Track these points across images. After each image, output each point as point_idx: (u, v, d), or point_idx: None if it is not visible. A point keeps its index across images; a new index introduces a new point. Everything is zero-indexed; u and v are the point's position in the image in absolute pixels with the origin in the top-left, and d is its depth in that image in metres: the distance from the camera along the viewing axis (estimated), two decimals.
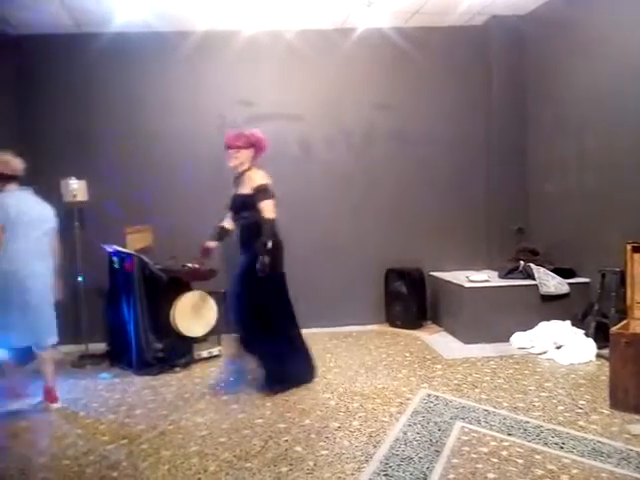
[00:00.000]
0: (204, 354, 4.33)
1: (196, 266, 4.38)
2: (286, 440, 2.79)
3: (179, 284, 4.31)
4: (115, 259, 4.39)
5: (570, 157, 4.93)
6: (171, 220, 5.03)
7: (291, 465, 2.51)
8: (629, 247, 3.42)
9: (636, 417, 2.92)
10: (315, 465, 2.51)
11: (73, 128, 5.04)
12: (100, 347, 4.61)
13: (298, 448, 2.69)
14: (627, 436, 2.70)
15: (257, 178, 3.60)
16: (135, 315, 4.06)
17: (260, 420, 3.07)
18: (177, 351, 4.16)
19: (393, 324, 5.37)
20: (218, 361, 4.33)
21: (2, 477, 2.51)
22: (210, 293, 4.45)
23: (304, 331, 5.11)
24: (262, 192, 3.54)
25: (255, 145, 3.73)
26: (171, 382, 3.85)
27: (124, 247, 4.38)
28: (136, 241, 4.61)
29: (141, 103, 5.14)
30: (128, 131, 5.10)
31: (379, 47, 5.41)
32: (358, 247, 5.44)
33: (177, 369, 4.08)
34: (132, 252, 4.26)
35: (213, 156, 5.17)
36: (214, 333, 4.55)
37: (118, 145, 5.08)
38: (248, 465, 2.53)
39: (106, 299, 4.55)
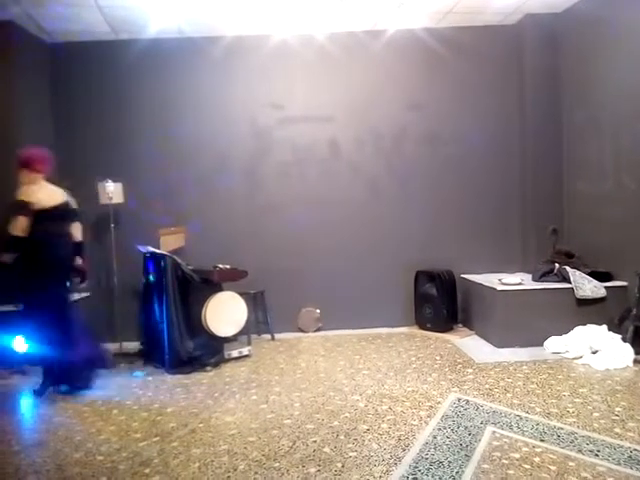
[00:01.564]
0: (234, 354, 4.39)
1: (227, 267, 4.45)
2: (314, 441, 2.81)
3: (211, 284, 4.38)
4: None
5: (606, 158, 4.79)
6: (204, 222, 5.13)
7: (319, 466, 2.52)
8: None
9: None
10: (343, 467, 2.51)
11: (108, 132, 5.20)
12: (134, 346, 4.73)
13: (326, 449, 2.70)
14: None
15: (18, 194, 3.54)
16: (168, 314, 4.15)
17: (288, 421, 3.10)
18: (208, 350, 4.23)
19: (423, 327, 5.32)
20: (248, 360, 4.38)
21: (39, 471, 2.60)
22: (241, 294, 4.51)
23: (333, 332, 5.21)
24: (14, 207, 3.50)
25: (25, 164, 3.61)
26: (202, 381, 3.92)
27: (158, 248, 4.49)
28: (170, 242, 4.71)
29: (175, 108, 5.26)
30: (162, 135, 5.24)
31: (410, 48, 5.39)
32: (388, 248, 5.42)
33: (208, 368, 4.14)
34: (165, 253, 4.35)
35: (245, 159, 5.29)
36: (244, 333, 4.62)
37: (153, 148, 5.22)
38: (277, 465, 2.55)
39: (140, 299, 4.67)
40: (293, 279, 5.27)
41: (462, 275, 5.40)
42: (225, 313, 4.33)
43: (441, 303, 5.20)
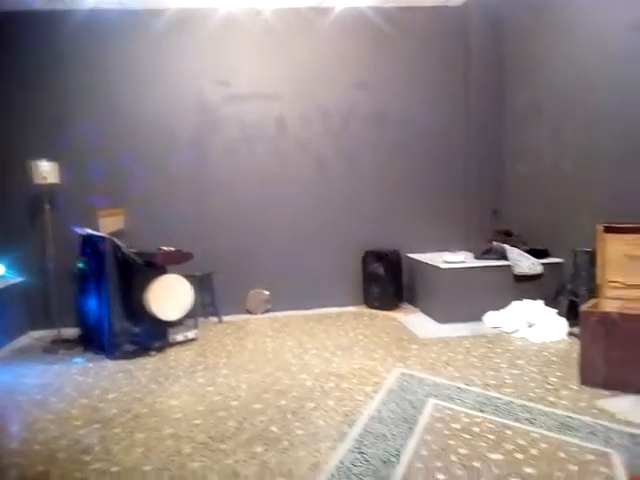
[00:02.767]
0: (180, 338, 4.30)
1: (172, 249, 4.33)
2: (262, 421, 2.80)
3: (154, 267, 4.25)
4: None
5: (545, 141, 4.97)
6: (148, 203, 4.95)
7: (266, 445, 2.52)
8: (600, 228, 3.48)
9: (604, 392, 2.99)
10: (290, 444, 2.52)
11: (44, 110, 4.88)
12: (72, 332, 4.54)
13: (274, 428, 2.70)
14: (595, 411, 2.77)
15: None
16: (107, 299, 4.00)
17: (236, 402, 3.07)
18: (152, 335, 4.12)
19: (371, 305, 5.41)
20: (195, 344, 4.31)
21: None
22: (187, 276, 4.41)
23: (282, 313, 5.20)
24: None
25: None
26: (146, 366, 3.82)
27: (97, 230, 4.31)
28: (109, 224, 4.53)
29: (116, 84, 5.00)
30: (103, 113, 4.97)
31: (357, 26, 5.35)
32: (336, 229, 5.44)
33: (152, 353, 4.04)
34: (104, 235, 4.18)
35: (191, 136, 5.13)
36: (190, 316, 4.53)
37: (93, 126, 4.94)
38: (223, 446, 2.53)
39: (78, 283, 4.47)
40: (241, 260, 5.20)
41: (408, 254, 5.51)
42: (169, 296, 4.22)
43: (388, 282, 5.29)
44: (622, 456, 2.28)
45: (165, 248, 4.35)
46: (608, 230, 3.45)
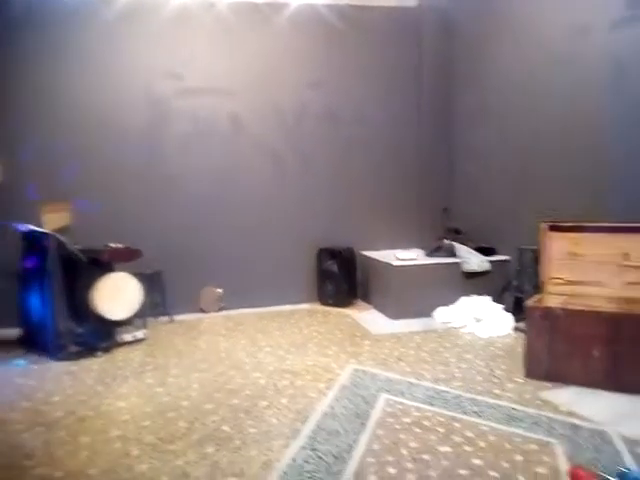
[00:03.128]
0: (128, 337, 4.16)
1: (119, 246, 4.19)
2: (213, 421, 2.75)
3: (101, 265, 4.10)
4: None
5: (492, 142, 5.13)
6: (95, 198, 4.76)
7: (218, 445, 2.48)
8: (544, 226, 3.62)
9: (547, 385, 3.12)
10: (242, 443, 2.49)
11: None
12: (13, 333, 4.31)
13: (225, 428, 2.66)
14: (539, 402, 2.88)
15: None
16: (51, 298, 3.82)
17: (186, 402, 3.01)
18: (98, 335, 3.96)
19: (325, 303, 5.42)
20: (144, 344, 4.19)
21: None
22: (136, 274, 4.28)
23: (236, 312, 5.13)
24: None
25: None
26: (92, 367, 3.68)
27: (40, 226, 4.10)
28: (53, 220, 4.32)
29: (61, 74, 4.77)
30: (47, 104, 4.73)
31: (312, 24, 5.35)
32: (291, 226, 5.42)
33: (98, 353, 3.89)
34: (48, 231, 3.99)
35: (141, 131, 4.97)
36: (139, 316, 4.39)
37: (36, 119, 4.70)
38: (173, 447, 2.47)
39: (19, 282, 4.24)
40: (193, 258, 5.09)
41: (362, 252, 5.56)
42: (116, 295, 4.08)
43: (342, 279, 5.33)
44: (564, 446, 2.38)
45: (112, 245, 4.20)
46: (552, 229, 3.60)
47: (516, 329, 4.22)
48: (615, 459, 2.25)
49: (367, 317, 4.93)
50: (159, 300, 4.86)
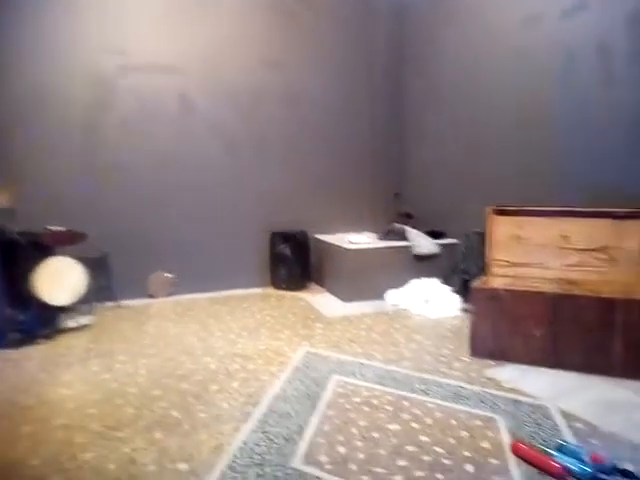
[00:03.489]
0: (72, 324, 4.01)
1: (61, 229, 4.00)
2: (162, 406, 2.70)
3: (42, 249, 3.91)
4: None
5: (443, 128, 5.23)
6: (35, 180, 4.51)
7: (166, 430, 2.44)
8: (490, 210, 3.73)
9: (492, 363, 3.24)
10: (192, 428, 2.46)
11: None
12: None
13: (174, 413, 2.62)
14: (483, 380, 2.99)
15: None
16: None
17: (134, 389, 2.93)
18: (40, 321, 3.79)
19: (278, 287, 5.40)
20: (89, 330, 4.04)
21: None
22: (80, 259, 4.10)
23: (186, 297, 5.04)
24: None
25: None
26: (34, 354, 3.52)
27: None
28: None
29: None
30: None
31: (267, 3, 5.23)
32: (244, 210, 5.35)
33: (41, 340, 3.73)
34: None
35: (82, 111, 4.73)
36: (84, 301, 4.23)
37: None
38: (119, 434, 2.41)
39: None
40: (142, 242, 4.94)
41: (315, 235, 5.56)
42: (59, 280, 3.91)
43: (295, 263, 5.32)
44: (506, 421, 2.49)
45: (53, 228, 4.01)
46: (497, 212, 3.71)
47: (463, 310, 4.35)
48: (554, 433, 2.37)
49: (320, 300, 4.95)
50: (105, 285, 4.70)
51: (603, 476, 1.96)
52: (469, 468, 2.09)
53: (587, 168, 3.67)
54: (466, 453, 2.20)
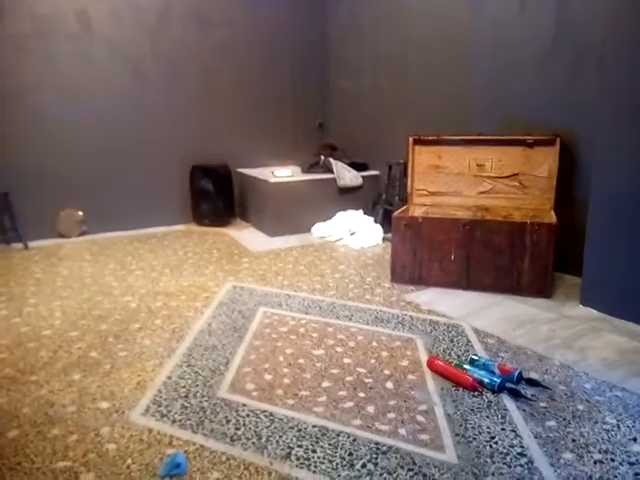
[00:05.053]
0: None
1: None
2: (79, 348, 2.59)
3: None
4: None
5: (364, 57, 5.12)
6: None
7: (85, 371, 2.35)
8: (411, 139, 3.76)
9: (411, 287, 3.39)
10: (112, 367, 2.39)
11: None
12: None
13: (93, 354, 2.53)
14: (403, 304, 3.12)
15: None
16: None
17: (48, 331, 2.78)
18: None
19: (201, 223, 5.26)
20: None
21: None
22: None
23: (102, 235, 4.78)
24: None
25: None
26: None
27: None
28: None
29: None
30: None
31: None
32: (159, 142, 5.04)
33: None
34: None
35: None
36: None
37: None
38: (34, 378, 2.29)
39: None
40: (47, 179, 4.55)
41: (238, 169, 5.40)
42: None
43: (218, 198, 5.16)
44: (424, 340, 2.63)
45: None
46: (417, 142, 3.75)
47: (385, 239, 4.47)
48: (467, 349, 2.54)
49: (246, 235, 4.89)
50: (9, 225, 4.34)
51: (510, 385, 2.14)
52: (389, 385, 2.21)
53: (501, 97, 3.76)
54: (386, 371, 2.32)
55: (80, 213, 4.75)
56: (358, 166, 5.06)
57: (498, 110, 3.78)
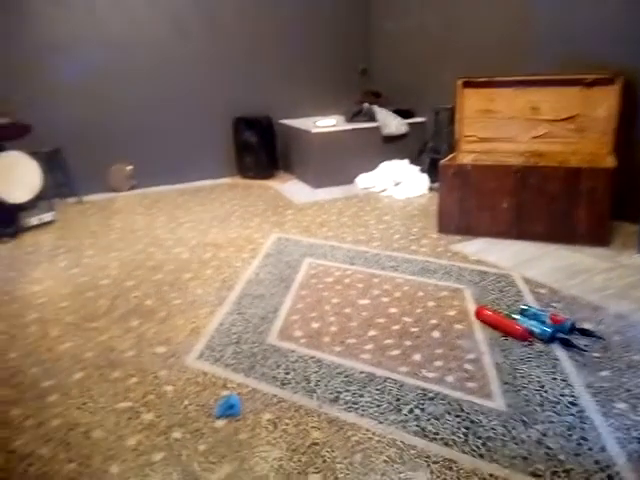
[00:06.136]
0: (34, 221, 3.88)
1: (3, 122, 3.71)
2: (136, 296, 2.72)
3: None
4: None
5: None
6: None
7: (142, 318, 2.47)
8: (460, 82, 3.58)
9: (458, 237, 3.32)
10: (167, 314, 2.50)
11: None
12: None
13: (149, 302, 2.64)
14: (449, 254, 3.07)
15: None
16: None
17: (106, 281, 2.92)
18: (0, 220, 3.66)
19: (245, 175, 5.28)
20: (53, 227, 3.94)
21: None
22: (31, 154, 3.87)
23: (152, 189, 4.90)
24: None
25: None
26: (0, 253, 3.45)
27: None
28: None
29: None
30: None
31: None
32: (202, 95, 5.03)
33: (4, 239, 3.63)
34: None
35: None
36: (43, 198, 4.07)
37: None
38: (95, 325, 2.43)
39: None
40: (95, 134, 4.65)
41: (281, 121, 5.34)
42: (12, 176, 3.70)
43: (261, 150, 5.15)
44: (472, 290, 2.59)
45: None
46: (466, 85, 3.57)
47: (431, 189, 4.37)
48: (517, 299, 2.49)
49: (289, 188, 4.89)
50: (63, 180, 4.50)
51: (562, 335, 2.09)
52: (435, 334, 2.21)
53: (564, 33, 3.49)
54: (433, 321, 2.32)
55: (129, 167, 4.87)
56: (403, 113, 4.90)
57: (559, 47, 3.51)
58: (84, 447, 1.65)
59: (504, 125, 3.56)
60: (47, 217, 3.98)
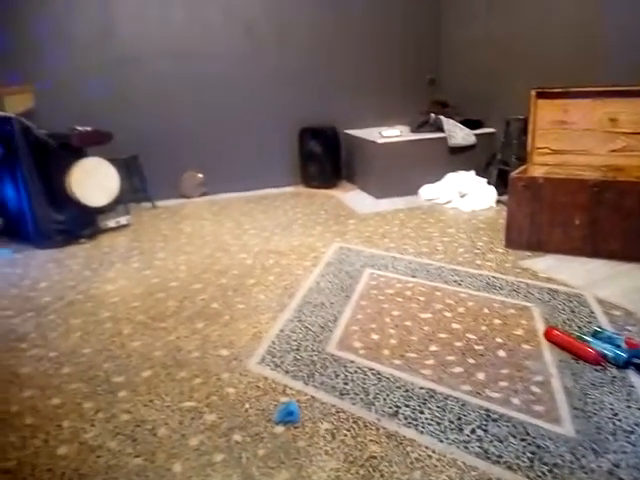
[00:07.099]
0: (111, 224, 4.13)
1: (87, 129, 3.97)
2: (202, 299, 2.81)
3: (71, 150, 3.91)
4: None
5: (481, 6, 4.75)
6: (54, 78, 4.41)
7: (207, 320, 2.56)
8: (533, 93, 3.46)
9: (527, 253, 3.20)
10: (231, 318, 2.57)
11: None
12: None
13: (214, 305, 2.73)
14: (518, 270, 2.96)
15: None
16: (25, 185, 3.69)
17: (175, 283, 3.05)
18: (79, 222, 3.90)
19: (309, 184, 5.35)
20: (128, 230, 4.17)
21: None
22: (110, 160, 4.11)
23: (219, 196, 5.06)
24: None
25: None
26: (77, 253, 3.67)
27: (2, 110, 3.84)
28: (16, 103, 4.04)
29: None
30: None
31: None
32: (270, 105, 5.14)
33: (83, 240, 3.88)
34: (11, 115, 3.73)
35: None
36: (120, 202, 4.31)
37: None
38: (164, 325, 2.54)
39: None
40: (169, 142, 4.87)
41: (345, 131, 5.37)
42: (93, 181, 3.94)
43: (325, 160, 5.20)
44: (541, 309, 2.49)
45: (80, 128, 3.97)
46: (540, 95, 3.45)
47: (499, 202, 4.24)
48: (590, 320, 2.36)
49: (352, 197, 4.90)
50: (139, 186, 4.75)
51: (638, 361, 1.96)
52: (501, 353, 2.13)
53: (635, 44, 3.30)
54: (498, 339, 2.24)
55: (200, 175, 5.06)
56: (471, 123, 4.79)
57: (635, 57, 3.32)
58: (149, 443, 1.73)
59: (579, 137, 3.40)
60: (123, 220, 4.22)
